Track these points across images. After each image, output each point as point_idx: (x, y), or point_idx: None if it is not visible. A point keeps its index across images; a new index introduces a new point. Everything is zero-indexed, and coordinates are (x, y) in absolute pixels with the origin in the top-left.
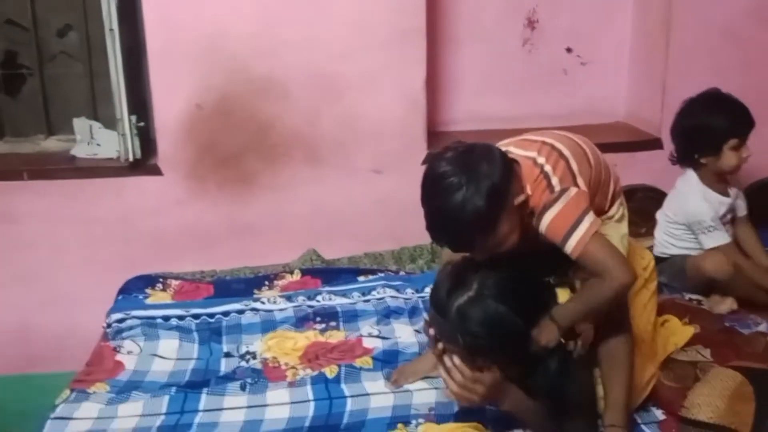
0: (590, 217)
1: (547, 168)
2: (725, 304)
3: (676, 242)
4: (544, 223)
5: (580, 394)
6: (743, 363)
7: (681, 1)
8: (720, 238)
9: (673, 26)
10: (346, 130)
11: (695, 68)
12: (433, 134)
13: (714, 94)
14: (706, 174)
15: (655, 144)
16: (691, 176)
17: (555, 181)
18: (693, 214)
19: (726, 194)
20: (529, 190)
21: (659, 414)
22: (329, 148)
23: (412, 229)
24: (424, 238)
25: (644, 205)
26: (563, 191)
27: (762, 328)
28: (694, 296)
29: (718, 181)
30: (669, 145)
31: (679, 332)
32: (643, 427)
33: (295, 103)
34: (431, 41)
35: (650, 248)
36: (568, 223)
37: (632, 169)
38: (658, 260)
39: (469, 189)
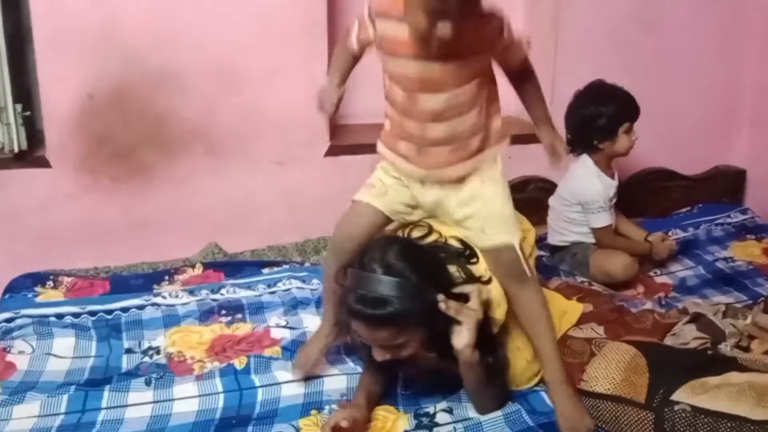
0: None
1: None
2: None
3: (574, 227)
4: None
5: (496, 361)
6: (635, 338)
7: (567, 5)
8: (606, 218)
9: (561, 29)
10: (247, 123)
11: (581, 68)
12: (335, 127)
13: (601, 84)
14: (601, 158)
15: None
16: (586, 160)
17: None
18: (588, 194)
19: (613, 178)
20: None
21: None
22: (230, 140)
23: (316, 221)
24: (328, 230)
25: (536, 195)
26: None
27: (648, 306)
28: (585, 279)
29: (608, 167)
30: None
31: (570, 309)
32: (543, 394)
33: (194, 94)
34: (333, 36)
35: (544, 237)
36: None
37: (524, 162)
38: (556, 248)
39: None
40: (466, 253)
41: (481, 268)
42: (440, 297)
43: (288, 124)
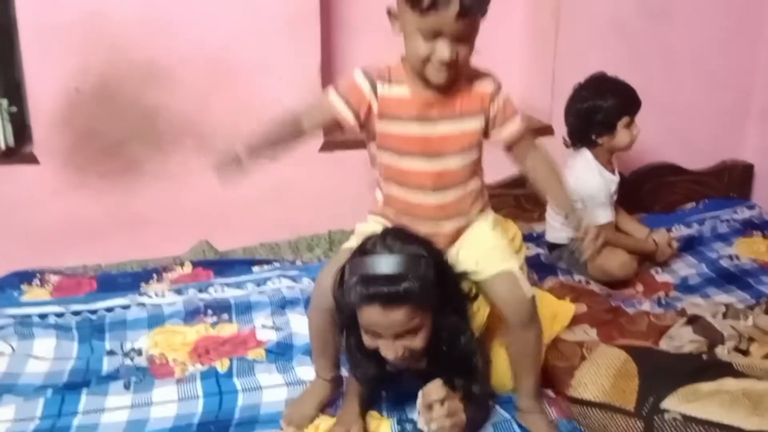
0: None
1: None
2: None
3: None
4: None
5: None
6: (627, 341)
7: None
8: (607, 215)
9: (563, 18)
10: (239, 117)
11: (583, 59)
12: None
13: (601, 77)
14: (601, 153)
15: (546, 131)
16: (585, 154)
17: None
18: (589, 189)
19: (614, 173)
20: None
21: (549, 392)
22: (221, 135)
23: (309, 217)
24: (321, 227)
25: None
26: None
27: (645, 306)
28: (582, 277)
29: (608, 162)
30: (560, 132)
31: (562, 311)
32: None
33: (183, 88)
34: (326, 27)
35: (542, 233)
36: None
37: None
38: (554, 246)
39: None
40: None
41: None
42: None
43: None
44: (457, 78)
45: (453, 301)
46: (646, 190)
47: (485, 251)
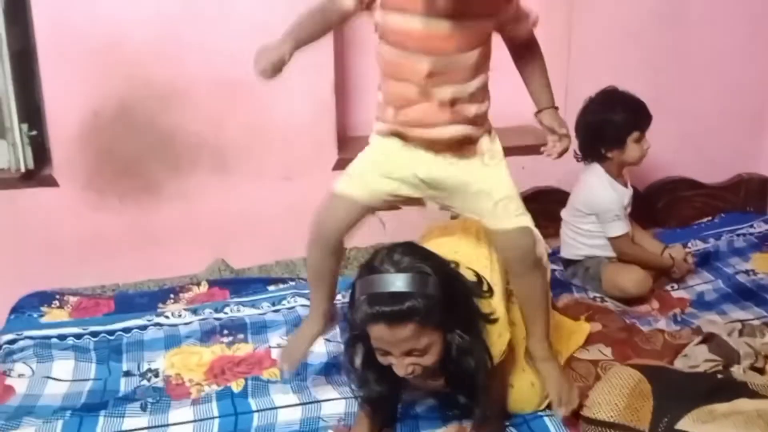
0: None
1: None
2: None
3: (586, 240)
4: None
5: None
6: (642, 361)
7: (584, 3)
8: (623, 227)
9: (575, 28)
10: (254, 137)
11: (596, 69)
12: (343, 139)
13: (612, 91)
14: (611, 167)
15: None
16: (597, 169)
17: None
18: (602, 202)
19: (626, 186)
20: None
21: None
22: (237, 155)
23: None
24: None
25: (549, 207)
26: None
27: (661, 324)
28: (597, 294)
29: (619, 175)
30: (572, 145)
31: (577, 330)
32: (546, 420)
33: (199, 109)
34: (339, 45)
35: (557, 250)
36: None
37: (538, 172)
38: (569, 262)
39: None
40: (482, 288)
41: (493, 303)
42: None
43: (295, 137)
44: None
45: (463, 320)
46: (662, 205)
47: (503, 200)
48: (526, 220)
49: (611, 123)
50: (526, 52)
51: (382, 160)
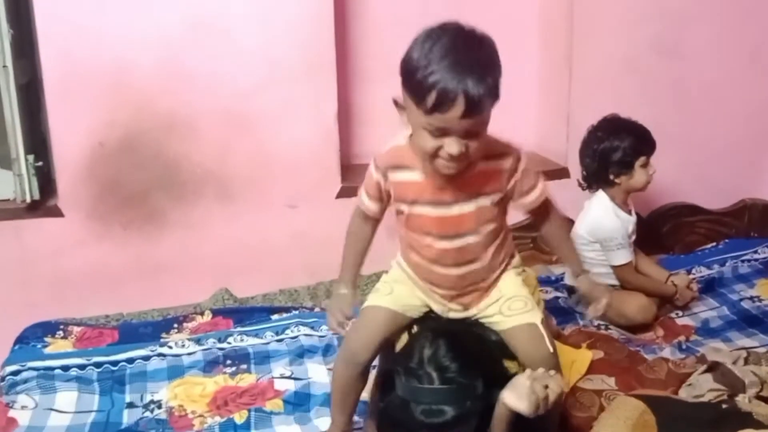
0: None
1: None
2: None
3: (590, 268)
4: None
5: None
6: (646, 391)
7: (583, 34)
8: (627, 255)
9: (575, 59)
10: (258, 166)
11: (597, 99)
12: (347, 167)
13: (615, 118)
14: (617, 193)
15: (562, 173)
16: (602, 196)
17: None
18: (606, 230)
19: (630, 214)
20: None
21: None
22: (241, 184)
23: (328, 263)
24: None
25: None
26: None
27: (666, 352)
28: (602, 322)
29: (624, 202)
30: (575, 173)
31: (579, 358)
32: None
33: (204, 138)
34: (342, 76)
35: (561, 276)
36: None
37: None
38: (574, 289)
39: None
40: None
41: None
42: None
43: (299, 165)
44: (470, 165)
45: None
46: (665, 231)
47: (508, 300)
48: (532, 317)
49: (619, 148)
50: (540, 218)
51: (404, 279)
